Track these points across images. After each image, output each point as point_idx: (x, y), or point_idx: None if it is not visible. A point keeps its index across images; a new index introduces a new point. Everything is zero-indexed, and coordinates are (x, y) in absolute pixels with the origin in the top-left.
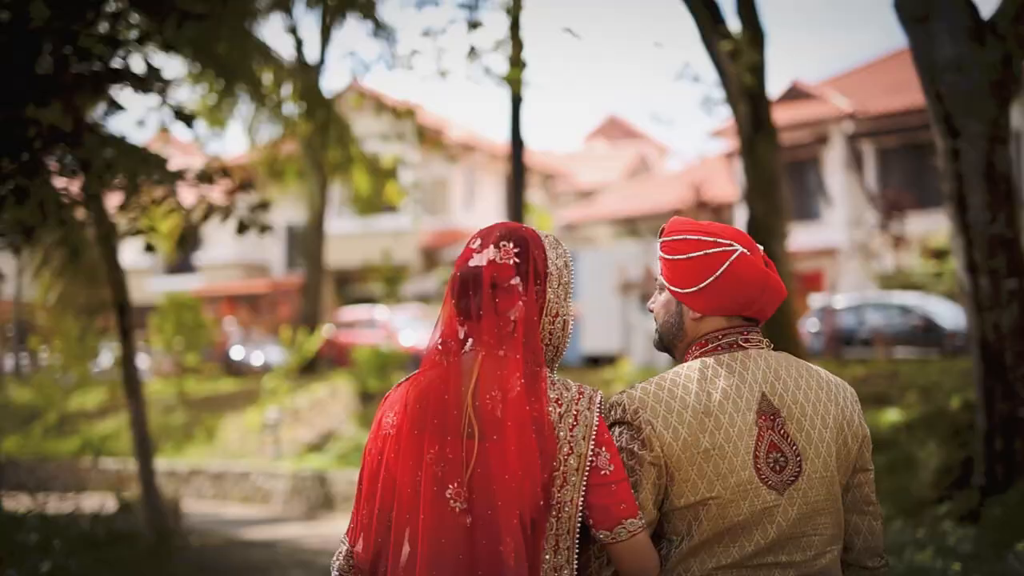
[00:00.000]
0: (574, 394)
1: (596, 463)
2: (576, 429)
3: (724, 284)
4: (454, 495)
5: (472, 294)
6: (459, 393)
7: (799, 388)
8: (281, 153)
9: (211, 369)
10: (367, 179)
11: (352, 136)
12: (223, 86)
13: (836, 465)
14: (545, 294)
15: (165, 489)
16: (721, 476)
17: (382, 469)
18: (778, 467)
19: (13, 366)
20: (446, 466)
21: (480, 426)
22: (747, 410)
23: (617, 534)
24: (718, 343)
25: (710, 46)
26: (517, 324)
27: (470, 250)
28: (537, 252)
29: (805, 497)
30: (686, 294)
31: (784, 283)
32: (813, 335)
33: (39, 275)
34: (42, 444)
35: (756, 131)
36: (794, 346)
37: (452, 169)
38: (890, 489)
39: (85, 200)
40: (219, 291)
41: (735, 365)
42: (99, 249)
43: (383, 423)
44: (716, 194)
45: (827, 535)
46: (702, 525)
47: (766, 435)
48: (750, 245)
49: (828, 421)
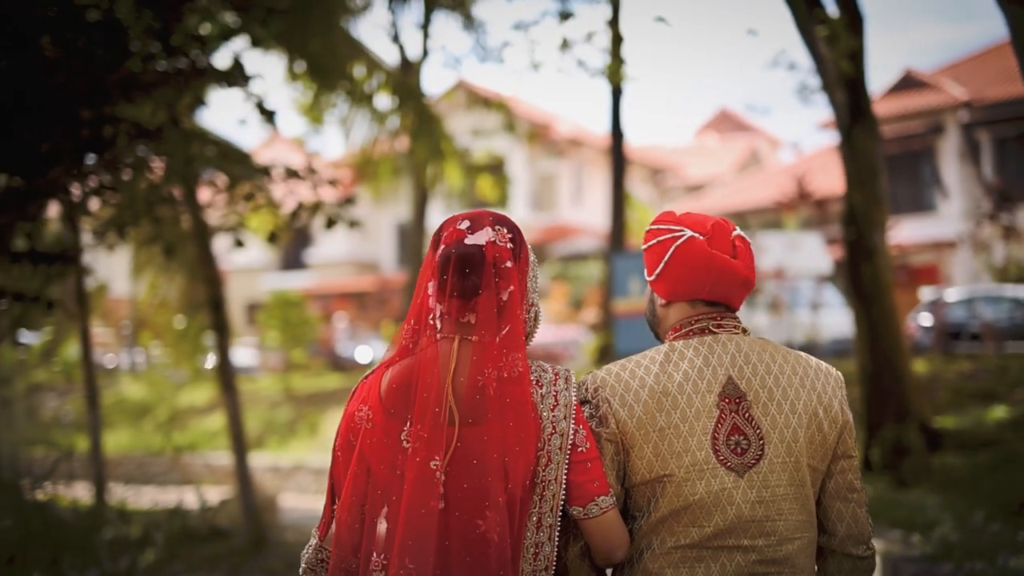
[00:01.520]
0: (551, 375)
1: (574, 440)
2: (557, 409)
3: (673, 268)
4: (437, 468)
5: (470, 271)
6: (437, 379)
7: (769, 373)
8: (378, 150)
9: (317, 365)
10: (460, 174)
11: (443, 131)
12: (318, 83)
13: (806, 451)
14: (526, 282)
15: (267, 484)
16: (675, 454)
17: (355, 462)
18: (739, 450)
19: (128, 363)
20: (425, 445)
21: (462, 411)
22: (707, 392)
23: (589, 510)
24: (690, 328)
25: (806, 32)
26: (508, 306)
27: (460, 231)
28: (523, 241)
29: (765, 481)
30: (651, 281)
31: (882, 275)
32: (924, 329)
33: (142, 272)
34: (152, 439)
35: (855, 119)
36: (895, 339)
37: (560, 164)
38: (991, 488)
39: (169, 195)
40: (330, 288)
41: (702, 348)
42: (195, 246)
43: (356, 417)
44: (821, 186)
45: (792, 521)
46: (659, 503)
47: (728, 417)
48: (708, 231)
49: (798, 407)
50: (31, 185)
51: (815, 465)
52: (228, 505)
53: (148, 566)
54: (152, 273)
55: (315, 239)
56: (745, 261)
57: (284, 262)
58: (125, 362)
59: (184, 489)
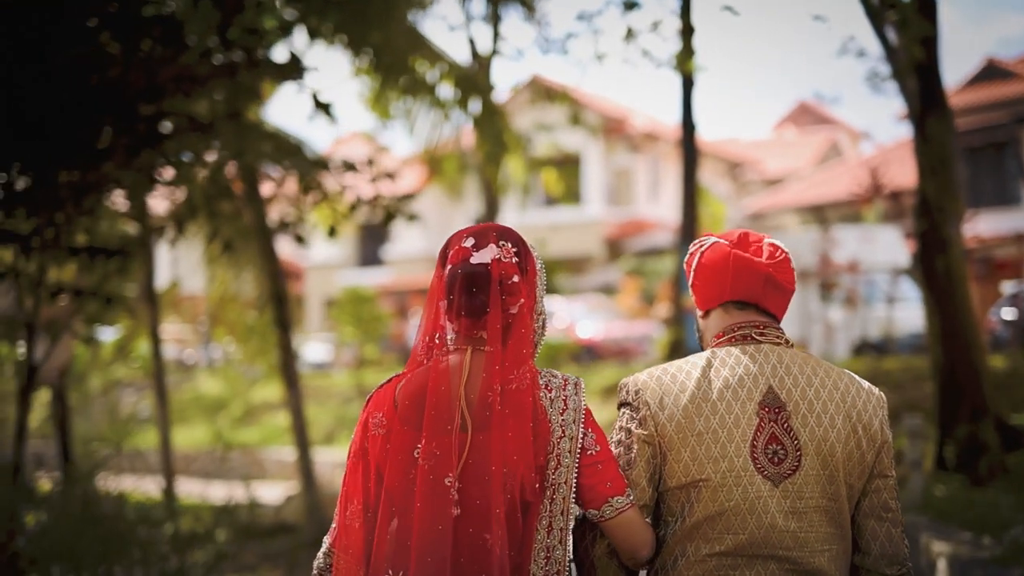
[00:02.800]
0: (560, 381)
1: (584, 444)
2: (566, 413)
3: (699, 274)
4: (451, 484)
5: (477, 291)
6: (451, 389)
7: (810, 385)
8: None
9: (390, 360)
10: (523, 169)
11: (507, 124)
12: (381, 76)
13: (842, 466)
14: (535, 293)
15: (335, 480)
16: (712, 459)
17: (369, 469)
18: (777, 459)
19: (206, 359)
20: (438, 461)
21: (473, 419)
22: (747, 400)
23: (604, 512)
24: (732, 335)
25: (875, 16)
26: (519, 319)
27: (465, 249)
28: (529, 252)
29: (800, 492)
30: (691, 297)
31: (957, 268)
32: (1005, 323)
33: (212, 268)
34: (226, 434)
35: (927, 108)
36: (970, 333)
37: (636, 159)
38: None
39: (226, 190)
40: (406, 284)
41: (743, 357)
42: (257, 242)
43: (370, 424)
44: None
45: (822, 533)
46: (694, 507)
47: (767, 426)
48: (734, 238)
49: (837, 421)
50: (84, 179)
51: (851, 482)
52: (293, 501)
53: (210, 561)
54: (220, 269)
55: (392, 236)
56: (771, 261)
57: (361, 258)
58: (203, 358)
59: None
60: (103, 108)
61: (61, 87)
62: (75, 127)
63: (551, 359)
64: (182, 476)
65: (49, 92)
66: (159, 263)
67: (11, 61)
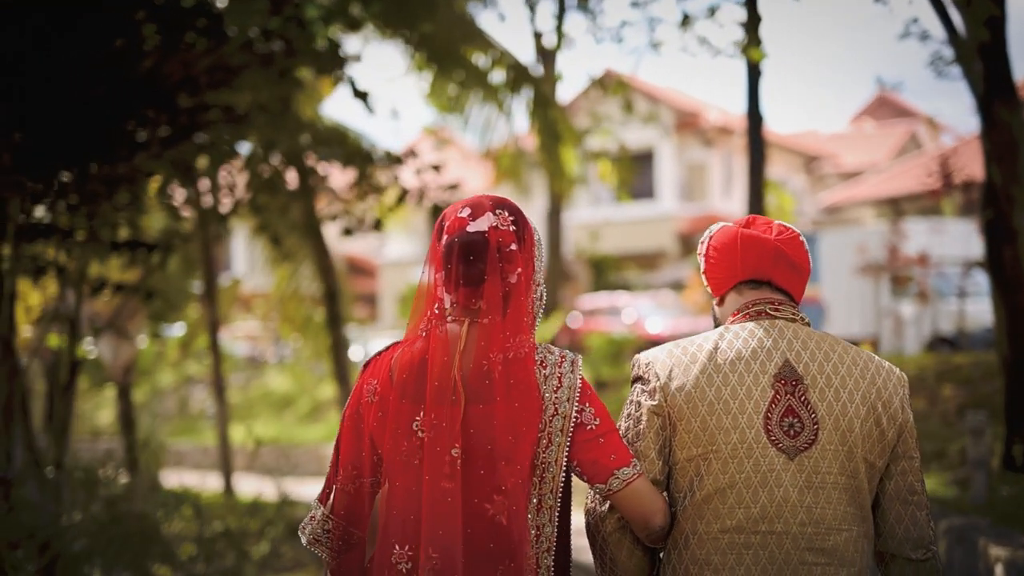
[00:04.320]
0: (556, 357)
1: (581, 419)
2: (560, 391)
3: (709, 256)
4: (457, 456)
5: (475, 259)
6: (447, 361)
7: (828, 360)
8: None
9: None
10: (576, 162)
11: (561, 115)
12: (435, 68)
13: (861, 443)
14: (532, 263)
15: None
16: (723, 430)
17: (362, 435)
18: (792, 432)
19: (276, 355)
20: (439, 432)
21: (469, 392)
22: (760, 372)
23: (611, 485)
24: (747, 311)
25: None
26: (517, 288)
27: (461, 219)
28: (526, 222)
29: (816, 466)
30: (705, 284)
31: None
32: None
33: (272, 265)
34: (293, 431)
35: (994, 92)
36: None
37: (710, 154)
38: None
39: (271, 183)
40: None
41: (758, 330)
42: (309, 237)
43: (364, 390)
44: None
45: (840, 511)
46: (704, 480)
47: (784, 399)
48: (744, 220)
49: (856, 397)
50: (114, 171)
51: (871, 460)
52: None
53: (262, 556)
54: (279, 265)
55: None
56: (780, 237)
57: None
58: (274, 355)
59: (312, 482)
60: (143, 100)
61: (99, 79)
62: (114, 119)
63: (615, 356)
64: (246, 472)
65: (87, 83)
66: (235, 260)
67: (57, 52)
